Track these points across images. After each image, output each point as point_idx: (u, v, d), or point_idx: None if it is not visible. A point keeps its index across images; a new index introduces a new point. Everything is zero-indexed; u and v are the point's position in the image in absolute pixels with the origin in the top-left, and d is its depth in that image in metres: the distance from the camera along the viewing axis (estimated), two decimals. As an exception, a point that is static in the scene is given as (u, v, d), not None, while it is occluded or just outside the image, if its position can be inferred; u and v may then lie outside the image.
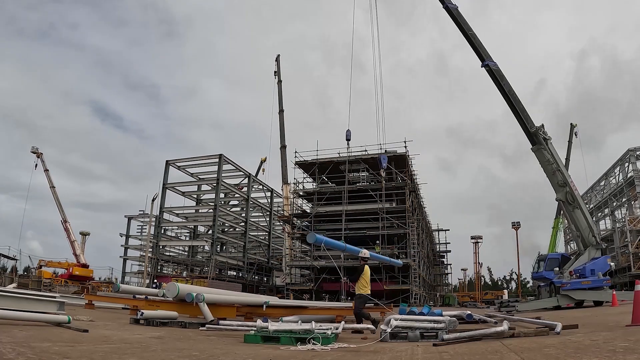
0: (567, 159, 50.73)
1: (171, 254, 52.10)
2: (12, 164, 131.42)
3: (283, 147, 46.05)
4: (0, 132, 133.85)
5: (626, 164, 45.04)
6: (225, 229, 47.56)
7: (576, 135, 51.81)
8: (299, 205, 41.28)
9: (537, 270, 23.59)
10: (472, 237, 75.48)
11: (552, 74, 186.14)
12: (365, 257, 9.51)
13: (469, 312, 11.48)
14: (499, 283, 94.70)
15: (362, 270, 9.13)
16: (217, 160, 40.08)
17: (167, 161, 41.24)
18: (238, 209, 48.47)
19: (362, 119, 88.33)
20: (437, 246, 64.82)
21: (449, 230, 64.84)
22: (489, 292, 68.85)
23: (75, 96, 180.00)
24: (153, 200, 32.92)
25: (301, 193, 40.01)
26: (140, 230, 57.38)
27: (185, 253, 51.61)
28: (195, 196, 46.10)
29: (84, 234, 51.65)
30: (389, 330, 6.95)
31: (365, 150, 37.16)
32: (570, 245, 59.60)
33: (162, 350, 5.16)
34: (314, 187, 40.09)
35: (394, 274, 34.08)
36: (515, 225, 69.05)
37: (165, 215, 42.83)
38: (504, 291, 40.90)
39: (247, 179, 45.23)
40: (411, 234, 35.14)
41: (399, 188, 36.16)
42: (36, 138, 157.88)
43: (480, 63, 23.41)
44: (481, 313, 14.00)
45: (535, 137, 22.05)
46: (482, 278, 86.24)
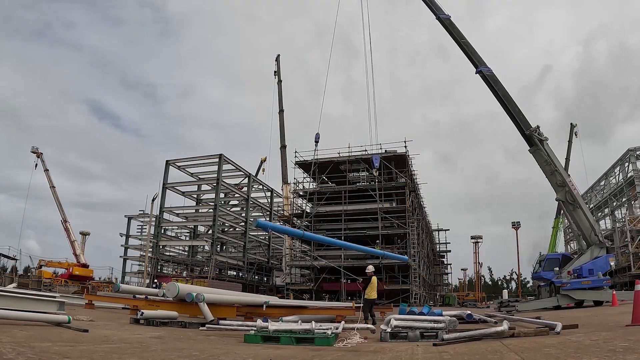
0: (567, 158, 50.78)
1: (171, 253, 52.09)
2: (9, 163, 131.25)
3: (283, 147, 46.08)
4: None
5: (626, 164, 45.03)
6: (225, 229, 47.55)
7: (576, 135, 51.87)
8: (299, 205, 41.29)
9: (537, 271, 23.63)
10: (472, 237, 75.56)
11: (558, 60, 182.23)
12: (372, 271, 12.07)
13: (469, 312, 11.49)
14: (499, 283, 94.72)
15: (370, 280, 11.81)
16: (217, 160, 40.08)
17: (167, 161, 41.24)
18: (238, 208, 48.46)
19: (361, 116, 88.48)
20: (437, 246, 64.82)
21: (449, 230, 64.93)
22: (470, 293, 69.05)
23: (72, 95, 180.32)
24: (153, 200, 32.93)
25: (301, 193, 40.02)
26: (140, 230, 57.40)
27: (185, 253, 51.60)
28: (195, 196, 46.09)
29: (84, 234, 51.63)
30: (389, 330, 6.95)
31: (365, 150, 37.19)
32: (570, 245, 59.60)
33: (162, 350, 5.16)
34: (314, 187, 40.10)
35: (394, 274, 34.11)
36: (515, 225, 69.11)
37: (165, 215, 42.82)
38: (504, 291, 40.92)
39: (247, 178, 45.22)
40: (411, 233, 35.15)
41: (399, 188, 36.16)
42: (33, 137, 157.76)
43: (475, 70, 23.49)
44: (481, 313, 14.01)
45: (531, 139, 22.10)
46: (482, 278, 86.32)
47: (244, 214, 45.42)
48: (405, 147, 36.20)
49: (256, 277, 44.98)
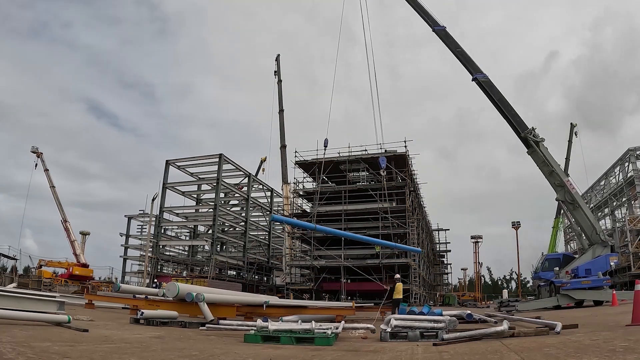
0: (567, 158, 50.78)
1: (171, 253, 52.07)
2: (7, 162, 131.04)
3: (283, 146, 46.06)
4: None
5: (626, 164, 45.02)
6: (225, 229, 47.53)
7: (576, 134, 51.87)
8: (299, 205, 41.27)
9: (537, 270, 23.66)
10: (472, 237, 75.53)
11: (564, 46, 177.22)
12: (397, 279, 16.55)
13: (469, 312, 11.49)
14: (499, 283, 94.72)
15: (394, 285, 15.66)
16: (217, 159, 40.06)
17: (167, 161, 41.21)
18: (238, 208, 48.44)
19: (361, 116, 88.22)
20: (437, 246, 64.80)
21: (449, 230, 64.87)
22: (465, 293, 68.98)
23: (70, 95, 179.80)
24: (153, 200, 32.95)
25: (301, 193, 40.00)
26: (140, 230, 57.38)
27: (185, 253, 51.57)
28: (195, 196, 46.08)
29: (84, 234, 51.65)
30: (389, 329, 6.95)
31: (365, 150, 37.16)
32: (570, 245, 59.61)
33: (162, 350, 5.16)
34: (314, 186, 40.08)
35: (394, 274, 34.05)
36: (516, 225, 69.09)
37: (165, 215, 42.79)
38: (504, 291, 40.86)
39: (247, 178, 45.21)
40: (411, 233, 35.14)
41: (399, 188, 36.14)
42: (31, 136, 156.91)
43: (471, 77, 23.90)
44: (481, 313, 14.01)
45: (525, 142, 22.20)
46: (482, 278, 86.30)
47: (244, 214, 45.40)
48: (405, 146, 36.22)
49: (256, 277, 44.97)
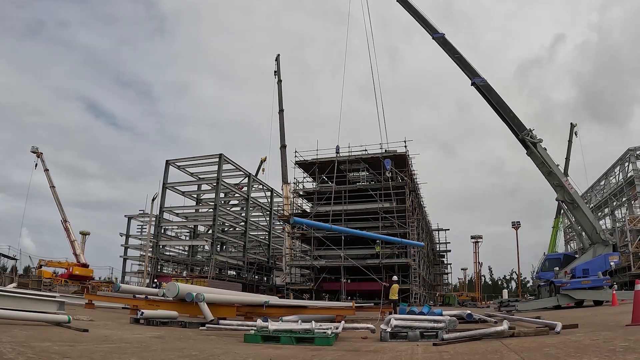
0: (567, 158, 50.77)
1: (171, 253, 52.08)
2: (5, 162, 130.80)
3: (283, 146, 46.02)
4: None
5: (626, 164, 45.02)
6: (225, 229, 47.53)
7: (576, 134, 51.82)
8: (299, 204, 41.26)
9: (538, 270, 23.69)
10: (472, 237, 75.50)
11: (571, 29, 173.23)
12: (394, 280, 17.26)
13: (469, 312, 11.49)
14: (499, 283, 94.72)
15: (391, 286, 16.53)
16: (217, 159, 40.06)
17: (167, 161, 41.22)
18: (238, 208, 48.44)
19: (361, 115, 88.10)
20: (437, 246, 64.80)
21: (449, 230, 64.88)
22: (463, 293, 69.00)
23: (67, 94, 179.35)
24: (153, 200, 32.96)
25: (301, 193, 40.00)
26: (140, 230, 57.39)
27: (185, 253, 51.57)
28: (195, 196, 46.08)
29: (84, 234, 51.64)
30: (389, 329, 6.95)
31: (365, 150, 37.16)
32: (570, 245, 59.60)
33: (162, 350, 5.16)
34: (314, 186, 40.08)
35: (394, 274, 34.08)
36: (516, 225, 69.07)
37: (165, 215, 42.80)
38: (504, 291, 40.64)
39: (247, 178, 45.20)
40: (411, 233, 35.13)
41: (399, 188, 36.15)
42: (29, 136, 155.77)
43: (470, 82, 24.39)
44: (481, 313, 14.01)
45: (523, 143, 22.35)
46: (483, 278, 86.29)
47: (244, 214, 45.40)
48: (405, 146, 36.22)
49: (256, 277, 44.97)
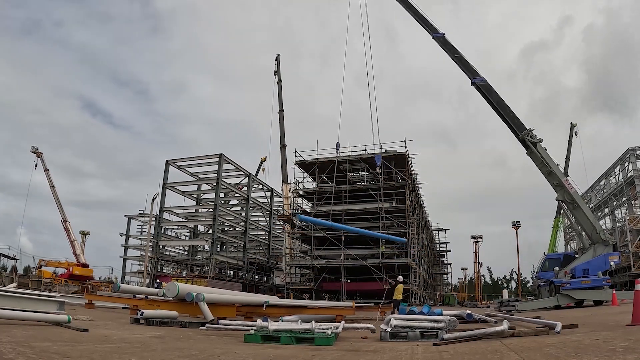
0: (567, 158, 50.79)
1: (171, 253, 52.09)
2: (2, 160, 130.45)
3: (283, 146, 46.03)
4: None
5: (626, 164, 45.02)
6: (225, 229, 47.54)
7: (576, 134, 51.84)
8: (299, 204, 41.26)
9: (539, 270, 23.73)
10: (472, 237, 75.49)
11: (578, 10, 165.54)
12: (400, 280, 16.50)
13: (469, 312, 11.50)
14: (499, 283, 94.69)
15: (396, 285, 15.94)
16: (217, 159, 40.07)
17: (167, 161, 41.22)
18: (238, 208, 48.45)
19: (362, 115, 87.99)
20: (437, 246, 64.80)
21: (449, 229, 64.89)
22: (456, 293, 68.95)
23: (63, 93, 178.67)
24: (153, 199, 32.98)
25: (301, 193, 40.00)
26: (140, 230, 57.41)
27: (185, 253, 51.58)
28: (195, 196, 46.09)
29: (84, 234, 51.64)
30: (389, 329, 6.95)
31: (365, 150, 37.18)
32: (570, 245, 59.59)
33: (162, 350, 5.16)
34: (314, 186, 40.09)
35: (394, 274, 34.05)
36: (516, 225, 69.06)
37: (165, 215, 42.81)
38: (504, 291, 40.64)
39: (247, 178, 45.21)
40: (411, 233, 35.13)
41: (399, 188, 36.15)
42: (25, 135, 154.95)
43: (470, 81, 24.56)
44: (481, 312, 14.01)
45: (523, 143, 22.38)
46: (482, 278, 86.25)
47: (244, 214, 45.41)
48: (405, 146, 36.23)
49: (256, 276, 44.98)
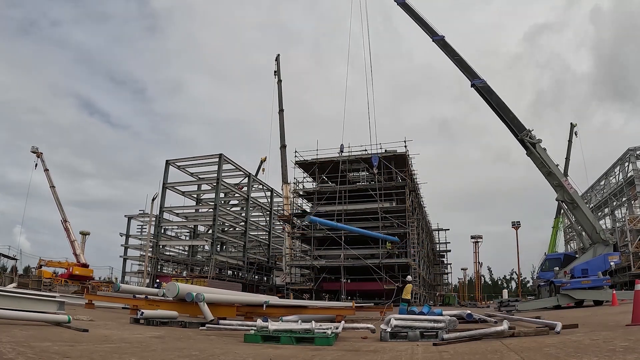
0: (567, 158, 50.80)
1: (171, 253, 52.10)
2: (1, 160, 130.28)
3: (283, 146, 46.03)
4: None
5: (626, 164, 45.03)
6: (225, 229, 47.55)
7: (576, 134, 51.84)
8: (299, 204, 41.27)
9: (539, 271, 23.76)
10: (472, 237, 75.40)
11: None
12: (408, 280, 16.55)
13: (469, 312, 11.49)
14: (499, 283, 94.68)
15: (404, 286, 16.11)
16: (217, 159, 40.08)
17: (167, 161, 41.23)
18: (238, 208, 48.45)
19: (361, 114, 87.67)
20: (437, 246, 64.80)
21: (449, 229, 64.87)
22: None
23: (60, 93, 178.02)
24: (153, 200, 32.97)
25: (301, 192, 40.01)
26: (140, 230, 57.42)
27: (185, 253, 51.59)
28: (195, 196, 46.10)
29: (84, 234, 51.64)
30: (389, 329, 6.95)
31: (365, 150, 37.18)
32: (570, 245, 59.59)
33: (162, 350, 5.16)
34: (314, 186, 40.09)
35: (394, 274, 34.10)
36: (516, 225, 69.02)
37: (165, 215, 42.81)
38: (504, 291, 40.61)
39: (247, 178, 45.22)
40: (411, 233, 35.14)
41: (399, 187, 36.16)
42: (22, 134, 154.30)
43: (470, 83, 24.81)
44: (481, 313, 14.01)
45: (522, 144, 22.46)
46: (482, 278, 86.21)
47: (244, 214, 45.42)
48: (405, 146, 36.25)
49: (256, 277, 44.99)
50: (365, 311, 17.66)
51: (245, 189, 45.31)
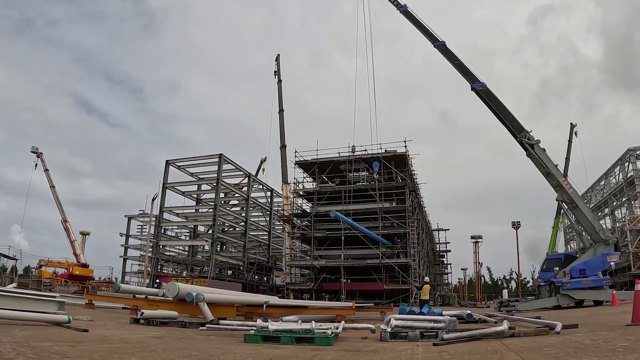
0: (567, 158, 50.81)
1: (171, 253, 52.10)
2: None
3: (283, 146, 46.06)
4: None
5: (626, 164, 45.06)
6: (225, 229, 47.56)
7: (576, 134, 51.83)
8: (299, 204, 41.27)
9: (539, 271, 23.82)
10: (472, 237, 75.37)
11: None
12: (426, 281, 17.74)
13: (469, 312, 11.49)
14: (499, 283, 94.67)
15: (422, 286, 17.09)
16: (217, 160, 40.09)
17: (167, 161, 41.24)
18: (238, 208, 48.47)
19: (362, 114, 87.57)
20: (437, 246, 64.80)
21: (449, 230, 64.89)
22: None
23: (57, 92, 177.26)
24: (153, 200, 32.98)
25: (301, 193, 40.01)
26: (140, 230, 57.43)
27: (185, 253, 51.60)
28: (195, 196, 46.11)
29: (84, 234, 51.66)
30: (389, 329, 6.95)
31: (365, 150, 37.21)
32: (570, 245, 59.61)
33: (162, 350, 5.16)
34: (314, 186, 40.10)
35: (394, 274, 34.11)
36: (516, 225, 69.02)
37: (165, 215, 42.83)
38: (504, 291, 40.47)
39: (247, 178, 45.24)
40: (411, 233, 35.14)
41: (399, 188, 36.17)
42: (20, 133, 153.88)
43: (470, 86, 25.23)
44: (481, 313, 14.01)
45: (522, 145, 22.60)
46: (482, 278, 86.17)
47: (244, 214, 45.43)
48: (405, 146, 36.25)
49: (256, 277, 44.99)
50: (365, 311, 17.66)
51: (245, 189, 45.32)
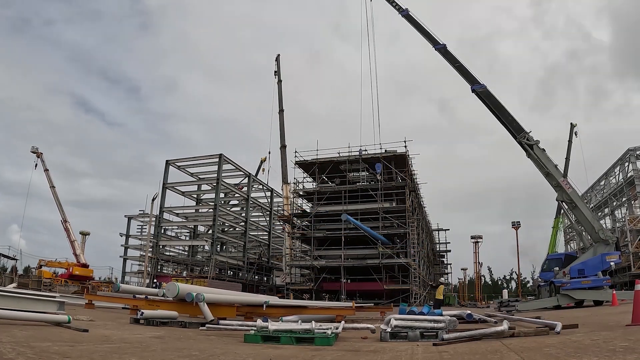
0: (567, 158, 50.78)
1: (171, 253, 52.09)
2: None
3: (283, 146, 46.07)
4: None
5: (626, 164, 45.06)
6: (225, 229, 47.56)
7: (576, 134, 51.79)
8: (299, 204, 41.27)
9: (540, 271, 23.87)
10: (472, 237, 75.35)
11: None
12: (441, 281, 19.39)
13: (469, 312, 11.49)
14: (499, 283, 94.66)
15: (438, 286, 18.32)
16: (217, 160, 40.09)
17: (167, 161, 41.25)
18: (238, 208, 48.47)
19: (362, 113, 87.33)
20: (437, 246, 64.78)
21: (449, 230, 64.82)
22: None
23: (55, 91, 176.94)
24: (153, 200, 32.98)
25: (301, 193, 40.02)
26: (140, 230, 57.42)
27: (185, 253, 51.60)
28: (195, 196, 46.11)
29: (84, 234, 51.65)
30: (389, 329, 6.95)
31: (365, 150, 37.21)
32: (570, 245, 59.61)
33: (162, 350, 5.16)
34: (314, 186, 40.10)
35: (394, 274, 34.12)
36: (516, 225, 69.02)
37: (165, 215, 42.82)
38: (504, 291, 40.43)
39: (247, 178, 45.24)
40: (411, 233, 35.14)
41: (399, 188, 36.17)
42: (18, 133, 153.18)
43: (470, 88, 25.36)
44: (481, 313, 14.01)
45: (521, 146, 22.72)
46: (482, 278, 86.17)
47: (244, 214, 45.43)
48: (405, 146, 36.26)
49: (256, 277, 44.99)
50: (365, 311, 17.66)
51: (245, 189, 45.32)
